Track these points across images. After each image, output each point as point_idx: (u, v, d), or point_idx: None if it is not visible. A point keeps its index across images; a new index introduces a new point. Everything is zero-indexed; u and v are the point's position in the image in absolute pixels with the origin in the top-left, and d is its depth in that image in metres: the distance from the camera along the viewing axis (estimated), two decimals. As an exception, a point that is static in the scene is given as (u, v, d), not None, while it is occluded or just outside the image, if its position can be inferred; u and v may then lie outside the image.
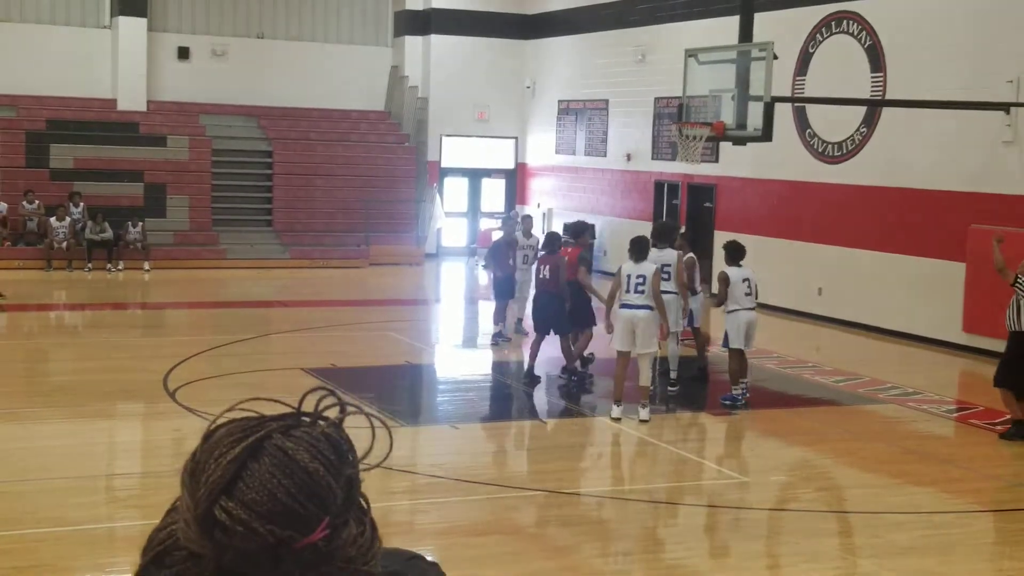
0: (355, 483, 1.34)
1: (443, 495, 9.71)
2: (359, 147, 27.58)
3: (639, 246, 12.42)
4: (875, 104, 18.40)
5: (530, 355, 14.23)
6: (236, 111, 27.40)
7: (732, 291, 12.93)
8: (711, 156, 21.52)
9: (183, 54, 27.35)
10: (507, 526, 9.10)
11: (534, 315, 14.76)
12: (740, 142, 16.01)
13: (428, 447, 11.61)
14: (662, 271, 12.73)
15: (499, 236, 18.38)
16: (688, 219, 22.68)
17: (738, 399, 13.00)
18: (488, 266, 17.88)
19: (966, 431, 12.58)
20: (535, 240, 17.39)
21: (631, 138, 24.78)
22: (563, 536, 8.98)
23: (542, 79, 28.00)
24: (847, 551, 8.81)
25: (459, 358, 17.15)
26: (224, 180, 26.46)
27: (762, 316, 14.31)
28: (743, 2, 15.66)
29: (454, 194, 28.69)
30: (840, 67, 19.14)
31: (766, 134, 14.57)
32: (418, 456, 11.14)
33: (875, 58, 18.59)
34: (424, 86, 28.24)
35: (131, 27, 26.55)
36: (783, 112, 18.07)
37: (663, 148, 23.64)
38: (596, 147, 26.10)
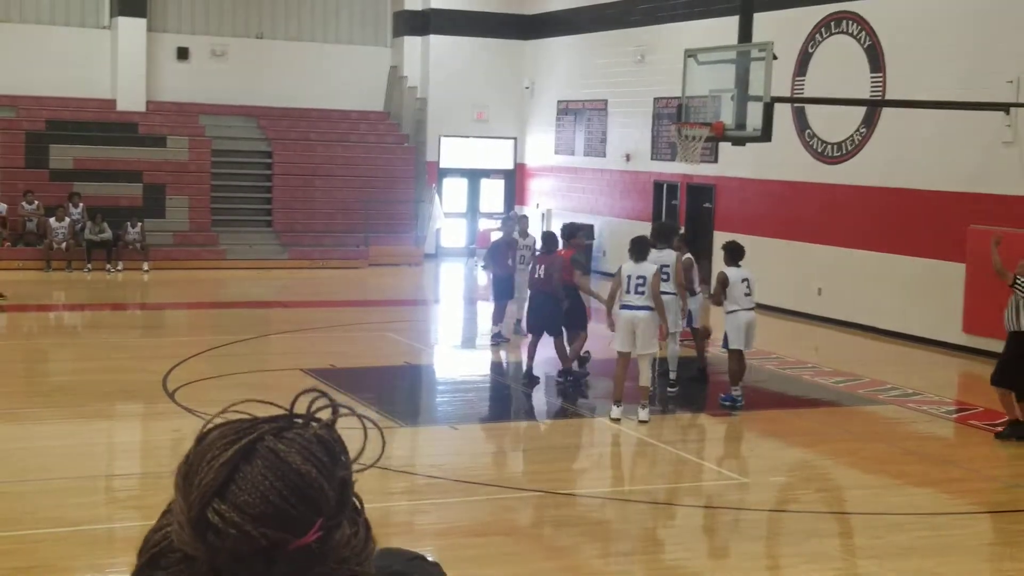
0: (348, 484, 1.34)
1: (442, 496, 9.71)
2: (358, 147, 27.56)
3: (639, 246, 12.40)
4: (875, 104, 18.40)
5: (528, 356, 14.23)
6: (235, 111, 27.39)
7: (732, 292, 12.92)
8: (710, 156, 21.51)
9: (182, 54, 27.34)
10: (506, 527, 9.09)
11: (529, 316, 14.75)
12: (739, 142, 16.00)
13: (427, 448, 11.62)
14: (661, 271, 12.72)
15: (498, 236, 18.37)
16: (687, 219, 22.67)
17: (737, 400, 13.00)
18: (487, 266, 17.88)
19: (966, 432, 12.58)
20: (531, 240, 17.37)
21: (630, 138, 24.77)
22: (563, 537, 8.98)
23: (541, 79, 27.99)
24: (847, 552, 8.81)
25: (458, 359, 17.15)
26: (223, 180, 26.44)
27: (761, 317, 14.31)
28: (743, 2, 15.65)
29: (453, 194, 28.68)
30: (840, 67, 19.14)
31: (765, 134, 14.56)
32: (417, 457, 11.15)
33: (875, 58, 18.59)
34: (423, 86, 28.24)
35: (130, 27, 26.54)
36: (782, 112, 18.05)
37: (662, 148, 23.64)
38: (595, 147, 26.09)
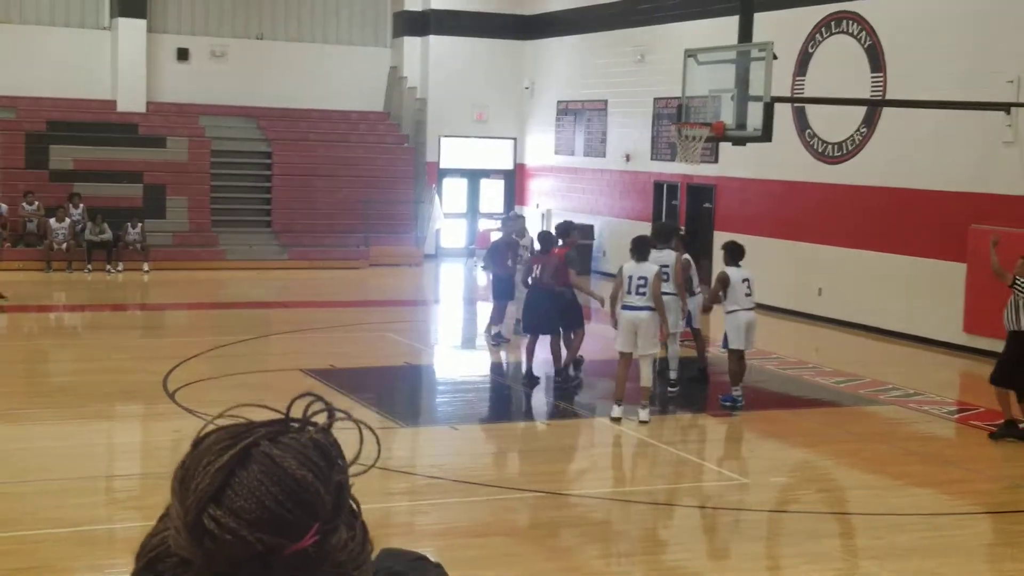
0: (344, 488, 1.34)
1: (442, 496, 9.70)
2: (358, 148, 27.55)
3: (641, 246, 12.38)
4: (875, 104, 18.39)
5: (527, 356, 14.21)
6: (235, 112, 27.38)
7: (732, 292, 12.90)
8: (710, 156, 21.50)
9: (182, 55, 27.34)
10: (507, 527, 9.08)
11: (524, 315, 14.73)
12: (740, 142, 15.99)
13: (427, 448, 11.62)
14: (661, 272, 12.70)
15: (498, 237, 18.36)
16: (688, 220, 22.67)
17: (738, 400, 12.98)
18: (487, 267, 17.86)
19: (967, 432, 12.56)
20: (528, 240, 17.35)
21: (630, 138, 24.76)
22: (563, 537, 8.97)
23: (541, 79, 27.98)
24: (848, 552, 8.80)
25: (458, 359, 17.14)
26: (223, 181, 26.43)
27: (762, 317, 14.30)
28: (742, 2, 15.64)
29: (453, 195, 28.67)
30: (840, 67, 19.12)
31: (766, 134, 14.54)
32: (417, 457, 11.15)
33: (875, 58, 18.57)
34: (423, 87, 28.23)
35: (130, 28, 26.54)
36: (783, 112, 18.04)
37: (662, 148, 23.62)
38: (595, 147, 26.07)
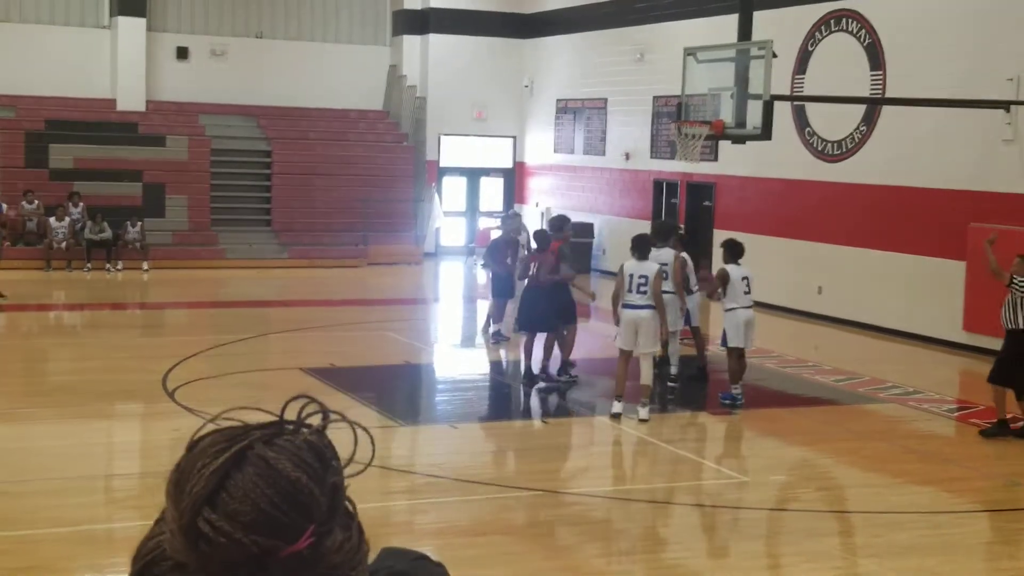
0: (339, 489, 1.33)
1: (442, 495, 9.70)
2: (358, 146, 27.54)
3: (641, 244, 12.38)
4: (874, 102, 18.38)
5: (526, 355, 14.20)
6: (235, 111, 27.37)
7: (731, 289, 12.91)
8: (710, 155, 21.49)
9: (182, 54, 27.33)
10: (506, 526, 9.08)
11: (520, 313, 14.71)
12: (739, 141, 15.99)
13: (427, 447, 11.61)
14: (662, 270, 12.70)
15: (498, 235, 18.35)
16: (687, 218, 22.67)
17: (737, 398, 12.98)
18: (487, 265, 17.85)
19: (967, 430, 12.55)
20: (525, 238, 17.34)
21: (630, 137, 24.75)
22: (562, 536, 8.97)
23: (540, 78, 27.97)
24: (847, 551, 8.80)
25: (458, 357, 17.14)
26: (223, 180, 26.42)
27: (761, 315, 14.29)
28: (742, 0, 15.64)
29: (452, 193, 28.67)
30: (839, 65, 19.12)
31: (765, 133, 14.54)
32: (417, 456, 11.15)
33: (874, 56, 18.57)
34: (422, 85, 28.22)
35: (130, 27, 26.53)
36: (782, 111, 18.03)
37: (662, 147, 23.62)
38: (595, 146, 26.07)
